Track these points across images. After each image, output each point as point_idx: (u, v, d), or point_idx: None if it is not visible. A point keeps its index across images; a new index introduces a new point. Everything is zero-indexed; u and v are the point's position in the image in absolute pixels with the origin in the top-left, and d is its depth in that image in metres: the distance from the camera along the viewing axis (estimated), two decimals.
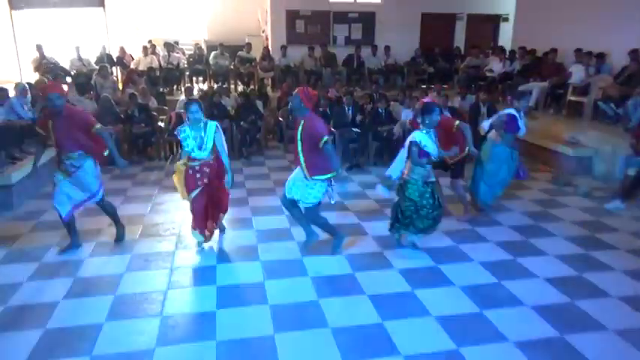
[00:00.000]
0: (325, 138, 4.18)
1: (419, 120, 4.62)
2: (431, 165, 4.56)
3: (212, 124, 4.56)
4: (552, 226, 5.52)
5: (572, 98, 8.87)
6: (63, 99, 4.46)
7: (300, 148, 4.35)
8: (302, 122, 4.30)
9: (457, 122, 5.10)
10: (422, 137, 4.45)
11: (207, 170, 4.61)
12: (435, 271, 4.47)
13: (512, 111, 5.37)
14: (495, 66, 10.91)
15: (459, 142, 5.02)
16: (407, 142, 4.57)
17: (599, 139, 7.37)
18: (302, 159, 4.36)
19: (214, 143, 4.57)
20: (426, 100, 5.49)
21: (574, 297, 3.99)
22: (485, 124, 5.73)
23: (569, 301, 3.95)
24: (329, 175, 4.39)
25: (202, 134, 4.50)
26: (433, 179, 4.63)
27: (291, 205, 4.65)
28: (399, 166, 4.86)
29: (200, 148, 4.50)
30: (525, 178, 6.04)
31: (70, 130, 4.44)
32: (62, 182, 4.54)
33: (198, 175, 4.58)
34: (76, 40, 11.54)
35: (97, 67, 10.49)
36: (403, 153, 4.79)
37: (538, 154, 7.87)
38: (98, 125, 4.60)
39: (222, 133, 4.64)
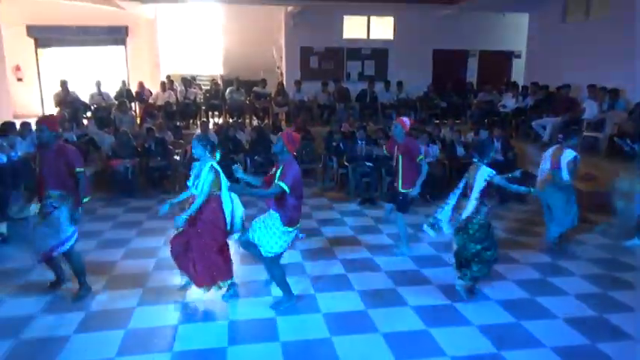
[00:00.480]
0: (281, 183, 3.97)
1: (475, 159, 4.54)
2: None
3: (207, 164, 4.24)
4: (570, 264, 5.40)
5: (587, 134, 8.83)
6: (49, 132, 4.31)
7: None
8: (281, 166, 4.07)
9: (421, 156, 5.32)
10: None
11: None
12: (450, 309, 4.38)
13: (575, 152, 5.53)
14: (508, 101, 10.96)
15: (414, 173, 5.34)
16: (480, 179, 4.36)
17: (616, 175, 7.26)
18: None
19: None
20: (404, 120, 5.41)
21: (595, 339, 3.87)
22: (565, 174, 5.56)
23: (590, 343, 3.82)
24: (298, 227, 4.24)
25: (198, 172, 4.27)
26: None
27: (247, 245, 4.32)
28: (470, 208, 4.45)
29: (194, 184, 4.29)
30: None
31: (56, 165, 4.30)
32: (37, 227, 4.38)
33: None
34: (96, 76, 11.90)
35: (117, 102, 10.77)
36: (476, 191, 4.40)
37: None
38: (81, 169, 4.40)
39: (215, 175, 4.25)
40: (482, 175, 4.36)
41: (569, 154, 5.51)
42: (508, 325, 4.10)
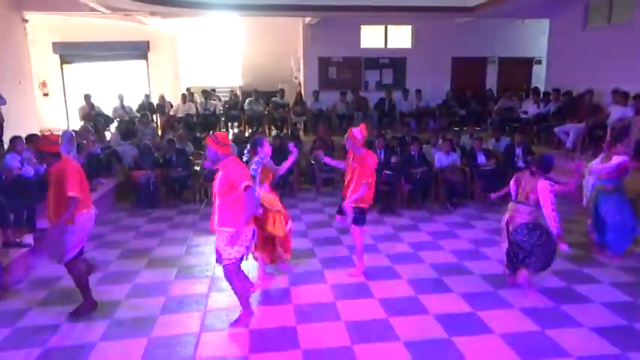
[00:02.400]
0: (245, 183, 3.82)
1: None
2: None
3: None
4: (596, 271, 5.28)
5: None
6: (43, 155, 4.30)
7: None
8: (222, 172, 3.89)
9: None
10: None
11: None
12: (473, 317, 4.31)
13: (623, 157, 5.47)
14: (529, 108, 10.82)
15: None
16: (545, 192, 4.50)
17: None
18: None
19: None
20: (354, 131, 5.14)
21: (625, 349, 3.75)
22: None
23: (620, 353, 3.71)
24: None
25: None
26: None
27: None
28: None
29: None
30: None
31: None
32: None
33: None
34: (119, 90, 12.18)
35: (139, 115, 10.99)
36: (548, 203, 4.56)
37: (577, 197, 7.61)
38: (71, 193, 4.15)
39: None
40: (546, 187, 4.49)
41: (617, 160, 5.45)
42: (532, 334, 4.01)
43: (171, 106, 12.30)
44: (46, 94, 13.80)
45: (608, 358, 3.65)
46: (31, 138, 6.76)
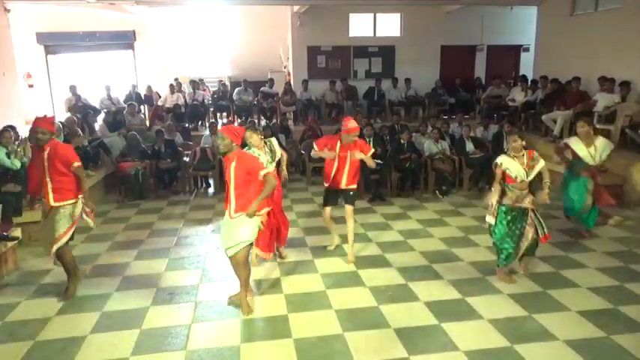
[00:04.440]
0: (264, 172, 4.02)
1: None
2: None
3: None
4: (583, 256, 5.36)
5: (599, 126, 8.72)
6: (47, 134, 4.33)
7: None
8: (234, 159, 4.02)
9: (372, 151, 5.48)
10: (504, 160, 4.60)
11: None
12: (461, 303, 4.36)
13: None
14: (517, 95, 10.87)
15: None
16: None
17: (629, 166, 7.20)
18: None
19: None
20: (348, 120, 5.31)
21: (610, 331, 3.82)
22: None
23: (605, 335, 3.78)
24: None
25: None
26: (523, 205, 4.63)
27: None
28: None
29: None
30: None
31: (50, 165, 4.32)
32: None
33: None
34: (106, 80, 12.01)
35: (126, 106, 10.87)
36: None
37: None
38: (77, 163, 4.39)
39: None
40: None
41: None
42: (520, 319, 4.07)
43: (159, 97, 12.17)
44: (30, 86, 13.58)
45: (595, 341, 3.72)
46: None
